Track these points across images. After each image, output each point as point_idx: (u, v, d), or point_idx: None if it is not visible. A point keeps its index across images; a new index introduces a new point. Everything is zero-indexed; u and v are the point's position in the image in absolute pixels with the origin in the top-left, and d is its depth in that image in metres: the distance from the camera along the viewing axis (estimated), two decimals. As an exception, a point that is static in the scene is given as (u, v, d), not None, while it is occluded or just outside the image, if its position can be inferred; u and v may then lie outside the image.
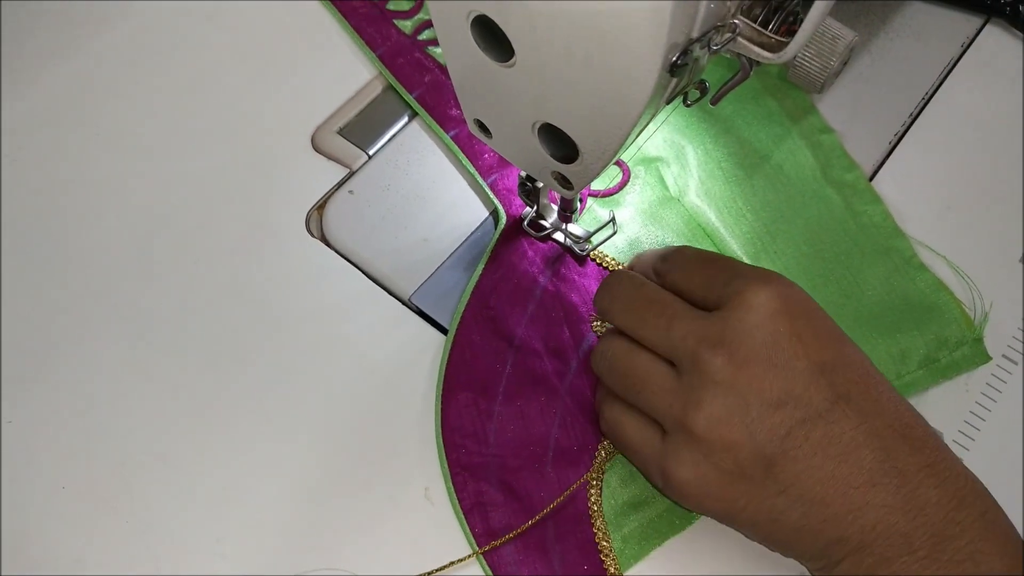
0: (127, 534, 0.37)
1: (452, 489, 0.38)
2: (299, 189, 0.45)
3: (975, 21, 0.50)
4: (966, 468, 0.30)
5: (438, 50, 0.48)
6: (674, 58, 0.25)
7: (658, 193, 0.44)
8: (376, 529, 0.38)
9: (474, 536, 0.37)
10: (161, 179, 0.45)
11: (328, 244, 0.44)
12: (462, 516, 0.37)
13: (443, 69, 0.47)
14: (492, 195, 0.44)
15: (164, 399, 0.40)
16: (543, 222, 0.43)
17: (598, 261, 0.42)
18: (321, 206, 0.45)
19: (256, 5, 0.50)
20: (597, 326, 0.41)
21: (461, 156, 0.45)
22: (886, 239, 0.43)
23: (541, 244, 0.43)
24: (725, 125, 0.46)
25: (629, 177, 0.44)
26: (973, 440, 0.40)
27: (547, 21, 0.26)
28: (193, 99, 0.48)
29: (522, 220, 0.43)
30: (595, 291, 0.37)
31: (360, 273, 0.43)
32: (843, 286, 0.42)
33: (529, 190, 0.41)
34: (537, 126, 0.32)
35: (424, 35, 0.49)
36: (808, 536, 0.29)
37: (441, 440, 0.39)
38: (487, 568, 0.36)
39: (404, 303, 0.43)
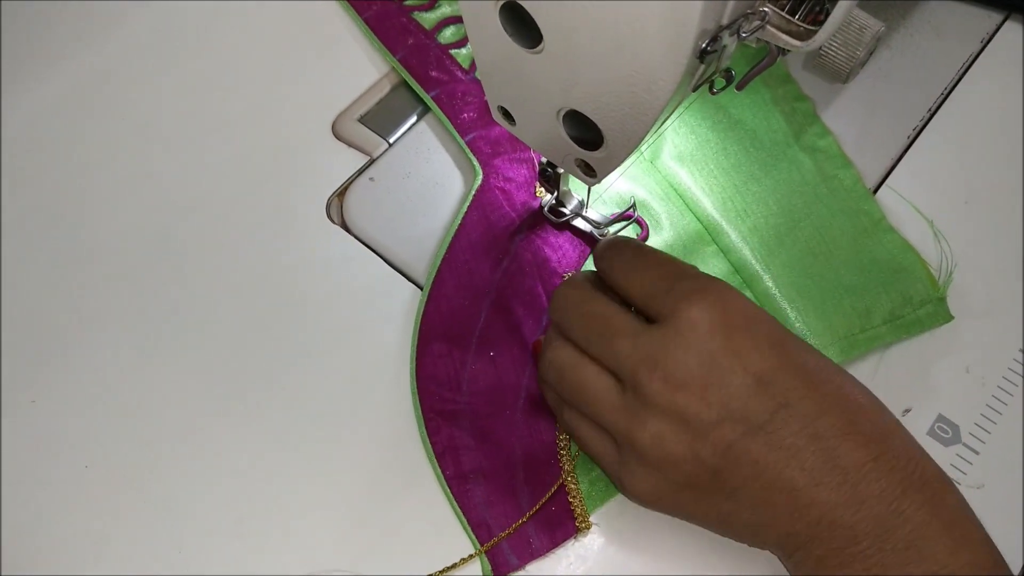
0: (150, 514, 0.38)
1: (424, 433, 0.39)
2: (320, 176, 0.45)
3: (995, 17, 0.50)
4: (918, 453, 0.30)
5: (425, 15, 0.49)
6: (704, 45, 0.26)
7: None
8: (392, 522, 0.38)
9: (445, 479, 0.38)
10: (183, 166, 0.46)
11: (348, 231, 0.44)
12: (435, 461, 0.38)
13: (427, 33, 0.48)
14: (470, 152, 0.45)
15: (186, 382, 0.40)
16: (563, 209, 0.43)
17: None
18: (342, 193, 0.45)
19: (278, -7, 0.50)
20: (569, 277, 0.42)
21: (440, 114, 0.46)
22: (856, 202, 0.44)
23: (518, 202, 0.44)
24: (700, 90, 0.46)
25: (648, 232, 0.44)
26: (988, 432, 0.40)
27: (577, 7, 0.27)
28: (215, 88, 0.48)
29: (542, 207, 0.43)
30: (550, 294, 0.39)
31: (380, 259, 0.43)
32: (811, 245, 0.43)
33: (549, 176, 0.41)
34: (562, 113, 0.32)
35: (410, 0, 0.49)
36: (761, 531, 0.31)
37: (415, 387, 0.39)
38: (457, 507, 0.37)
39: (423, 289, 0.43)
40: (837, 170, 0.45)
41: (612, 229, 0.43)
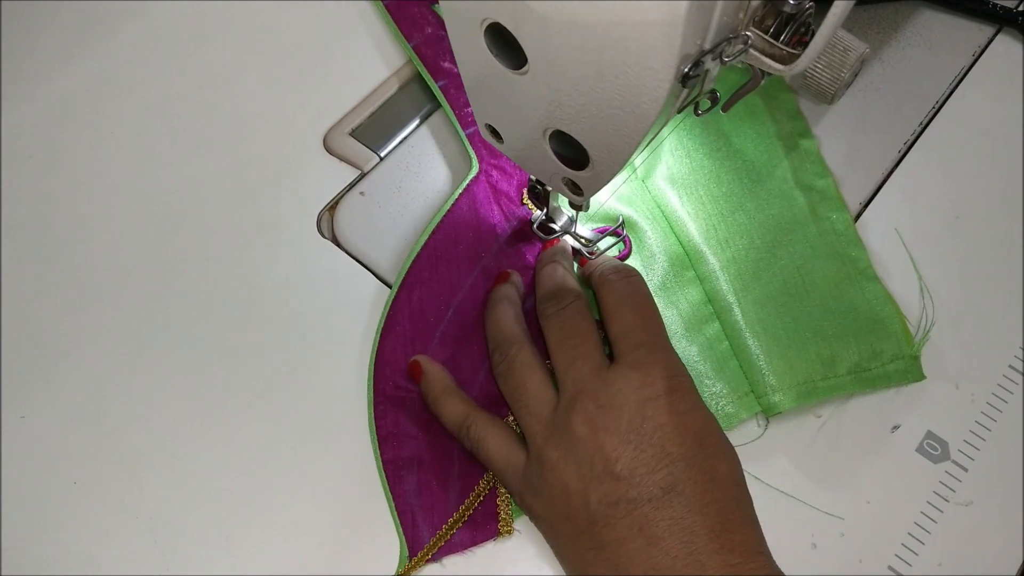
0: (137, 531, 0.38)
1: (372, 416, 0.39)
2: (311, 190, 0.45)
3: (987, 31, 0.50)
4: (776, 570, 0.32)
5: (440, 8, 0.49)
6: (686, 69, 0.26)
7: (623, 171, 0.45)
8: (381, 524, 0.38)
9: (383, 462, 0.38)
10: (173, 179, 0.46)
11: (339, 245, 0.44)
12: (376, 443, 0.39)
13: (443, 25, 0.49)
14: (468, 145, 0.45)
15: (175, 398, 0.40)
16: (552, 225, 0.43)
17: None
18: (332, 207, 0.45)
19: (268, 7, 0.51)
20: None
21: (445, 105, 0.46)
22: (844, 247, 0.43)
23: (507, 203, 0.44)
24: (707, 117, 0.46)
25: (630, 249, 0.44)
26: (978, 449, 0.40)
27: (561, 30, 0.27)
28: (205, 100, 0.48)
29: (532, 223, 0.43)
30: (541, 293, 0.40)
31: (370, 274, 0.43)
32: (789, 285, 0.42)
33: (539, 193, 0.41)
34: (548, 132, 0.32)
35: None
36: None
37: (372, 371, 0.40)
38: (388, 492, 0.38)
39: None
40: (831, 212, 0.44)
41: (601, 246, 0.42)
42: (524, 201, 0.44)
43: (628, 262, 0.43)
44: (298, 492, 0.39)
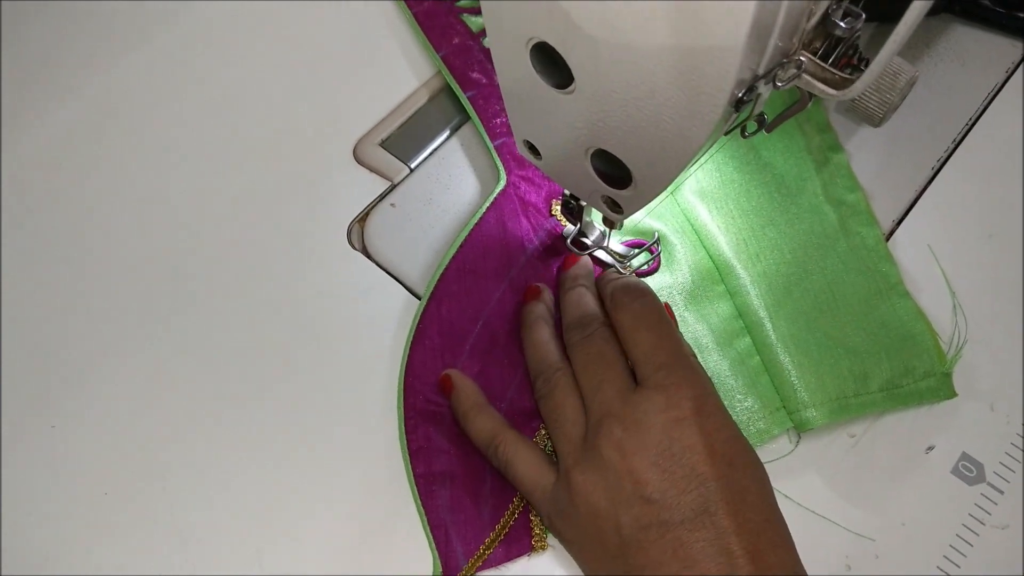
0: (167, 541, 0.38)
1: (403, 430, 0.39)
2: (341, 201, 0.45)
3: (1020, 47, 0.50)
4: None
5: (473, 19, 0.49)
6: (740, 94, 0.25)
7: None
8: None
9: (415, 476, 0.38)
10: (205, 191, 0.46)
11: (369, 256, 0.44)
12: (407, 457, 0.39)
13: (473, 35, 0.49)
14: (496, 157, 0.45)
15: (205, 408, 0.40)
16: (585, 240, 0.43)
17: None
18: (363, 218, 0.45)
19: (298, 17, 0.50)
20: None
21: (474, 116, 0.46)
22: (874, 262, 0.43)
23: (535, 215, 0.44)
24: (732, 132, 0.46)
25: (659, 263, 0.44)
26: (1013, 472, 0.39)
27: (611, 53, 0.26)
28: (235, 111, 0.48)
29: (565, 238, 0.43)
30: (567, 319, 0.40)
31: (400, 286, 0.43)
32: (820, 300, 0.42)
33: (572, 208, 0.41)
34: (591, 151, 0.32)
35: (461, 1, 0.50)
36: None
37: (403, 384, 0.40)
38: (420, 506, 0.38)
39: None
40: (861, 227, 0.44)
41: (635, 263, 0.42)
42: (552, 213, 0.44)
43: (658, 276, 0.43)
44: (327, 503, 0.38)
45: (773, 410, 0.40)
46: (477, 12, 0.50)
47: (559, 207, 0.44)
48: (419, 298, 0.43)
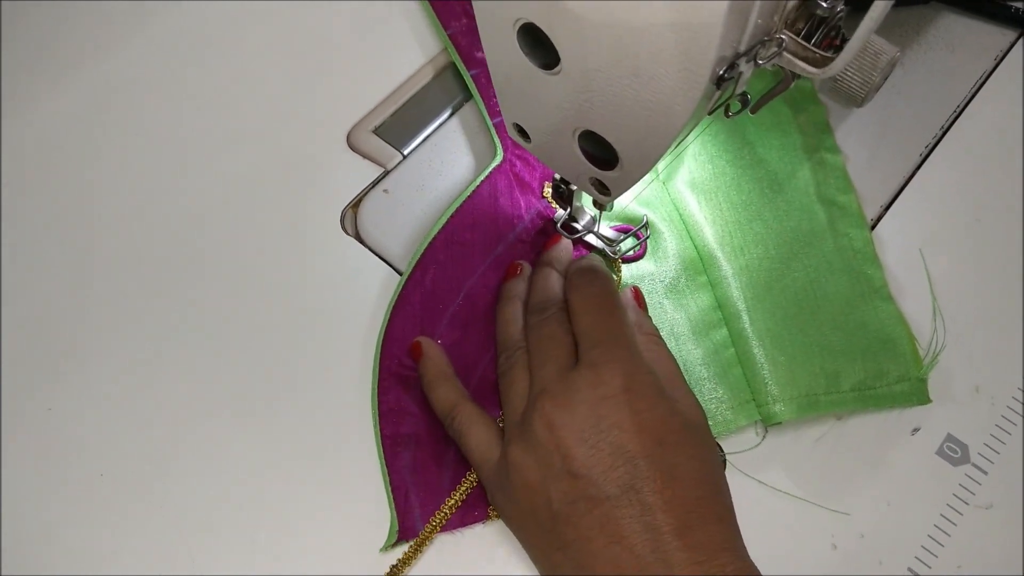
0: (162, 523, 0.38)
1: (375, 392, 0.40)
2: (334, 187, 0.46)
3: (1009, 35, 0.51)
4: (747, 565, 0.32)
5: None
6: (721, 71, 0.26)
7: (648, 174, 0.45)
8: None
9: (381, 437, 0.39)
10: (198, 177, 0.46)
11: (362, 242, 0.45)
12: (376, 418, 0.39)
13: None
14: (495, 133, 0.46)
15: (198, 390, 0.41)
16: (575, 224, 0.43)
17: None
18: (356, 204, 0.45)
19: (292, 6, 0.51)
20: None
21: (476, 94, 0.47)
22: (860, 264, 0.43)
23: (528, 195, 0.45)
24: (732, 124, 0.46)
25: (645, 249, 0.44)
26: (998, 453, 0.40)
27: (596, 31, 0.27)
28: (230, 98, 0.48)
29: (555, 222, 0.44)
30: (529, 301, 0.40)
31: (393, 271, 0.44)
32: (800, 298, 0.42)
33: (563, 192, 0.42)
34: (578, 132, 0.33)
35: None
36: None
37: (380, 347, 0.40)
38: (384, 466, 0.38)
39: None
40: (850, 228, 0.44)
41: (623, 247, 0.43)
42: (544, 195, 0.45)
43: (643, 263, 0.44)
44: (320, 487, 0.39)
45: (742, 402, 0.41)
46: None
47: (550, 190, 0.44)
48: (411, 282, 0.43)
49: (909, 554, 0.38)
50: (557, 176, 0.41)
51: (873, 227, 0.45)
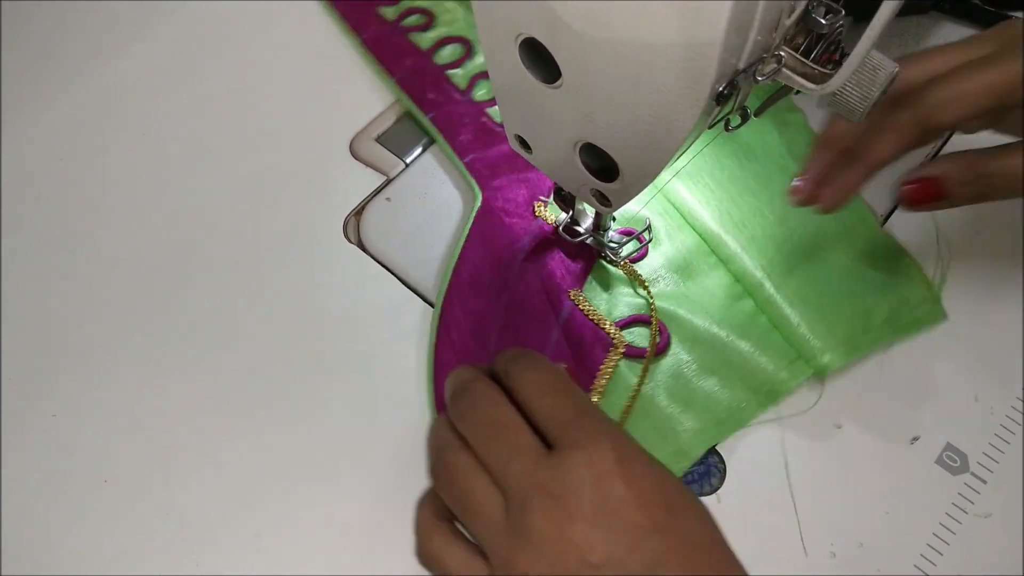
0: (168, 529, 0.38)
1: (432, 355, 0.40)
2: (337, 195, 0.46)
3: (1009, 44, 0.51)
4: None
5: (422, 35, 0.50)
6: (720, 88, 0.26)
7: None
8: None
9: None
10: (202, 185, 0.46)
11: (365, 250, 0.45)
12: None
13: (423, 53, 0.49)
14: (468, 175, 0.45)
15: (202, 396, 0.41)
16: (577, 228, 0.43)
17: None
18: (359, 212, 0.46)
19: (296, 14, 0.51)
20: (573, 294, 0.43)
21: (438, 136, 0.47)
22: (849, 210, 0.44)
23: (518, 222, 0.44)
24: (716, 126, 0.47)
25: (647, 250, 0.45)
26: (997, 462, 0.40)
27: (597, 48, 0.27)
28: (233, 105, 0.49)
29: (557, 226, 0.44)
30: (449, 392, 0.35)
31: (395, 279, 0.44)
32: (808, 252, 0.44)
33: (565, 196, 0.42)
34: (579, 145, 0.33)
35: (408, 21, 0.50)
36: None
37: (433, 401, 0.40)
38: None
39: (433, 315, 0.43)
40: None
41: (625, 251, 0.43)
42: (536, 214, 0.45)
43: (649, 259, 0.44)
44: (321, 491, 0.39)
45: (791, 361, 0.42)
46: (424, 29, 0.50)
47: (541, 207, 0.44)
48: (414, 291, 0.44)
49: (908, 563, 0.38)
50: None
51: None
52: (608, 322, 0.42)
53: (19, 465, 0.40)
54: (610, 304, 0.43)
